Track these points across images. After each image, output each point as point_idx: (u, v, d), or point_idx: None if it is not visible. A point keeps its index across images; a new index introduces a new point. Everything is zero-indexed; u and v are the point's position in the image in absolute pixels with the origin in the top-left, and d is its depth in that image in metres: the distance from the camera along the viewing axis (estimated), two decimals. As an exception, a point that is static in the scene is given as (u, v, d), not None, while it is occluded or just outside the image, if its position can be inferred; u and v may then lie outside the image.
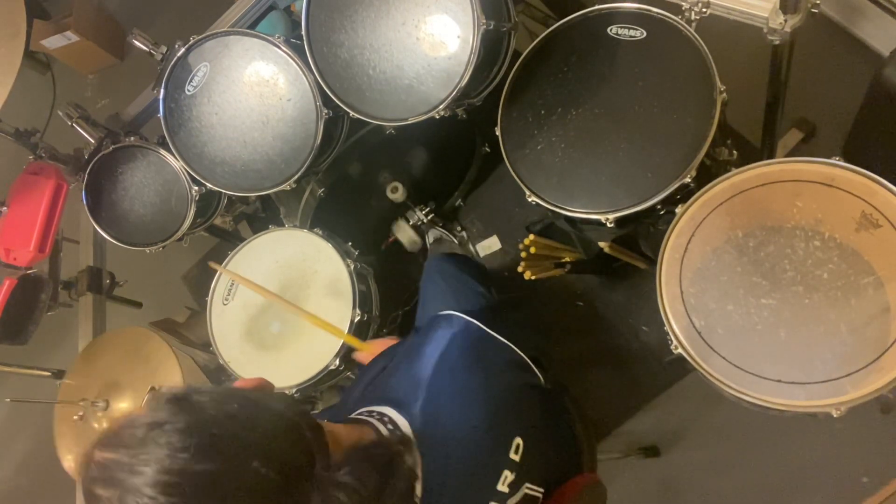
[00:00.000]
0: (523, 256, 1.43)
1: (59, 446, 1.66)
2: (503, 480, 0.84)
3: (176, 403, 0.61)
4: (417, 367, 0.86)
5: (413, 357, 0.89)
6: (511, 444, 0.87)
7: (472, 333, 0.91)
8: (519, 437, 0.88)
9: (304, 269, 1.56)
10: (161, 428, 0.58)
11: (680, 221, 1.13)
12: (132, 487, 0.56)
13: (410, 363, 0.88)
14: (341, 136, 1.60)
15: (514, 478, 0.86)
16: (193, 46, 1.47)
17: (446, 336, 0.89)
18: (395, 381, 0.89)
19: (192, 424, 0.59)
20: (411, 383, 0.84)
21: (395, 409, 0.80)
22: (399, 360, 0.94)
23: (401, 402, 0.82)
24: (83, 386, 1.68)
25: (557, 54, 1.33)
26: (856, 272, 1.00)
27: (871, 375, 0.94)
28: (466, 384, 0.86)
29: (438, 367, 0.85)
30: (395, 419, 0.79)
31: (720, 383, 1.02)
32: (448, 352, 0.87)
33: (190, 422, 0.59)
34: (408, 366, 0.88)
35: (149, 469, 0.56)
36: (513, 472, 0.86)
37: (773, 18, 1.14)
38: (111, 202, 1.71)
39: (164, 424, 0.58)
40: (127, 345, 1.70)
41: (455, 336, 0.90)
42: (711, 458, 1.77)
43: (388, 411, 0.81)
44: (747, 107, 1.39)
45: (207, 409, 0.61)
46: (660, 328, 1.10)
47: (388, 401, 0.83)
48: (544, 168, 1.28)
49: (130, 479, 0.56)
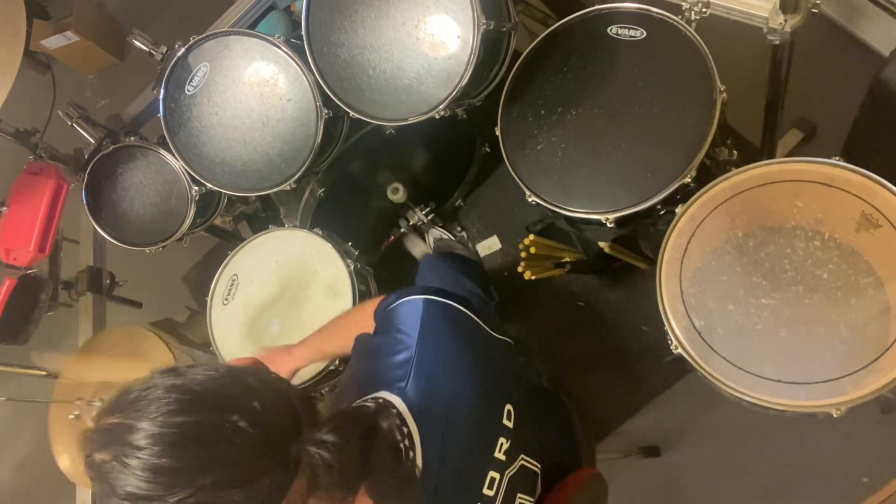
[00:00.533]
0: (523, 256, 1.43)
1: (55, 446, 1.65)
2: (499, 448, 0.86)
3: (166, 372, 0.67)
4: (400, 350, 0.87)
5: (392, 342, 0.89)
6: (503, 410, 0.89)
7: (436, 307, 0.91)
8: (509, 404, 0.90)
9: (304, 269, 1.56)
10: (150, 389, 0.64)
11: (680, 221, 1.13)
12: (129, 442, 0.61)
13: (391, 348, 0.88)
14: (341, 136, 1.60)
15: (508, 445, 0.87)
16: (193, 46, 1.47)
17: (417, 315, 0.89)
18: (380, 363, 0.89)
19: (177, 384, 0.65)
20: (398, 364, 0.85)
21: (387, 391, 0.82)
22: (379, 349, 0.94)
23: (390, 383, 0.83)
24: (79, 385, 1.67)
25: (557, 54, 1.33)
26: (856, 272, 1.00)
27: (871, 375, 0.94)
28: (452, 355, 0.87)
29: (422, 341, 0.86)
30: (390, 400, 0.80)
31: (720, 383, 1.02)
32: (426, 324, 0.88)
33: (176, 382, 0.65)
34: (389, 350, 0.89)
35: (143, 424, 0.61)
36: (507, 440, 0.87)
37: (773, 18, 1.14)
38: (111, 202, 1.71)
39: (153, 387, 0.65)
40: (123, 344, 1.70)
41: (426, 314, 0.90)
42: (711, 458, 1.77)
43: (380, 394, 0.82)
44: (747, 107, 1.39)
45: (193, 374, 0.67)
46: (660, 328, 1.10)
47: (378, 387, 0.84)
48: (544, 168, 1.28)
49: (127, 436, 0.61)
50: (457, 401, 0.84)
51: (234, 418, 0.63)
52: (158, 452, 0.60)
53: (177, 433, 0.61)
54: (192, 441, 0.61)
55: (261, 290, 1.58)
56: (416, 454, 0.77)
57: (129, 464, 0.60)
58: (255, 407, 0.65)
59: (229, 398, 0.65)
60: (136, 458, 0.60)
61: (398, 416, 0.78)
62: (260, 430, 0.63)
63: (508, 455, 0.87)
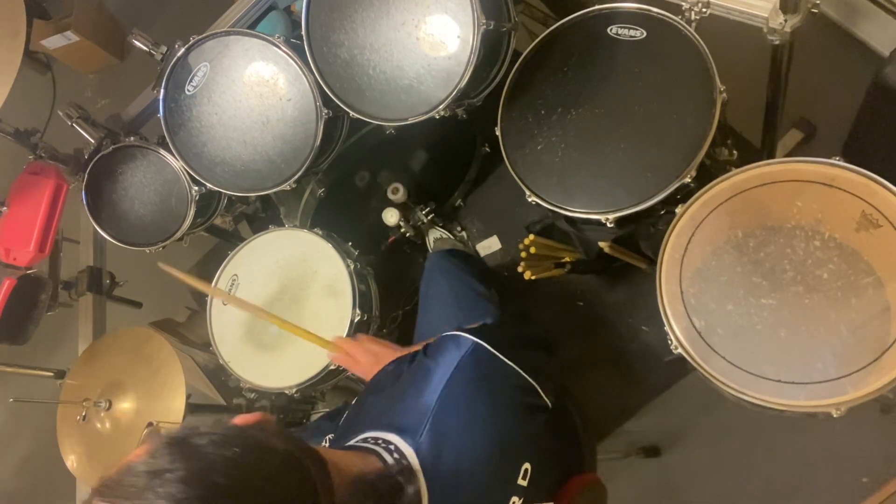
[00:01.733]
0: (523, 256, 1.43)
1: (63, 446, 1.66)
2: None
3: (175, 448, 0.59)
4: (425, 394, 0.84)
5: (420, 381, 0.87)
6: (519, 471, 0.85)
7: (480, 356, 0.89)
8: (527, 463, 0.86)
9: (304, 269, 1.56)
10: (160, 477, 0.56)
11: (680, 221, 1.13)
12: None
13: (418, 388, 0.86)
14: (341, 136, 1.60)
15: (521, 502, 0.84)
16: (193, 46, 1.47)
17: (454, 360, 0.87)
18: (401, 406, 0.87)
19: (192, 473, 0.57)
20: (418, 410, 0.82)
21: (401, 437, 0.79)
22: (406, 384, 0.92)
23: (407, 429, 0.80)
24: (85, 386, 1.68)
25: (557, 54, 1.33)
26: (856, 272, 1.00)
27: (871, 375, 0.94)
28: (474, 413, 0.84)
29: (446, 394, 0.83)
30: (400, 447, 0.78)
31: (720, 383, 1.02)
32: (455, 377, 0.85)
33: (190, 470, 0.57)
34: (415, 391, 0.86)
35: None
36: (521, 498, 0.84)
37: (773, 18, 1.13)
38: (111, 202, 1.70)
39: (163, 473, 0.57)
40: (129, 345, 1.70)
41: (463, 360, 0.87)
42: (711, 458, 1.78)
43: (393, 439, 0.79)
44: (747, 107, 1.39)
45: (207, 455, 0.59)
46: (660, 328, 1.09)
47: (395, 428, 0.81)
48: (544, 168, 1.28)
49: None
50: (471, 461, 0.80)
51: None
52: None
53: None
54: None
55: (261, 290, 1.58)
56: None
57: None
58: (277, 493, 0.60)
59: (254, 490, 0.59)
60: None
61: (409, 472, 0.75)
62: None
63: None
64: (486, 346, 0.89)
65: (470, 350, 0.88)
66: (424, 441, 0.78)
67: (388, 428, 0.81)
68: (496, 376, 0.89)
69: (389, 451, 0.78)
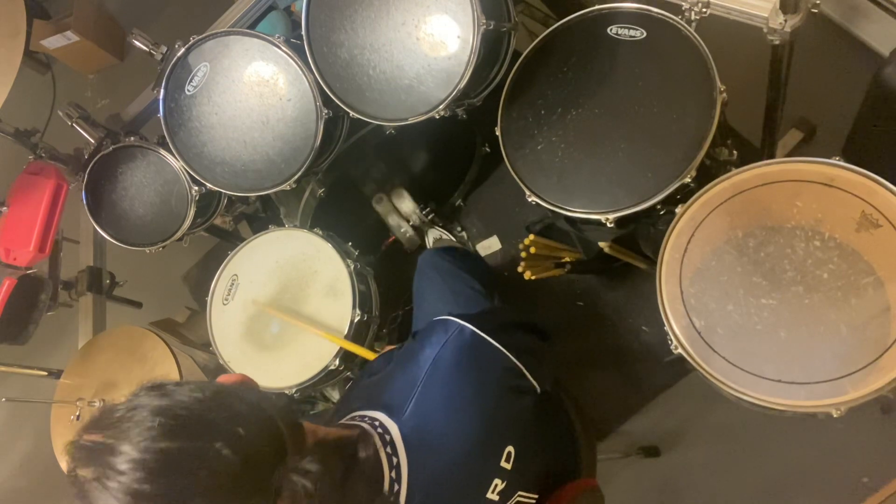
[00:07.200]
0: (523, 256, 1.43)
1: (57, 446, 1.66)
2: (493, 489, 0.85)
3: (153, 391, 0.66)
4: (411, 373, 0.86)
5: (407, 362, 0.89)
6: (502, 453, 0.87)
7: (466, 338, 0.90)
8: (511, 446, 0.87)
9: (304, 269, 1.56)
10: (135, 410, 0.63)
11: (680, 221, 1.13)
12: (111, 465, 0.60)
13: (405, 368, 0.89)
14: (341, 136, 1.60)
15: (504, 486, 0.86)
16: (193, 46, 1.47)
17: (441, 341, 0.89)
18: (388, 386, 0.89)
19: (162, 407, 0.63)
20: (404, 389, 0.84)
21: (386, 414, 0.81)
22: (395, 365, 0.95)
23: (391, 406, 0.82)
24: (80, 386, 1.68)
25: (557, 54, 1.33)
26: (856, 272, 1.00)
27: (871, 375, 0.94)
28: (458, 391, 0.86)
29: (431, 373, 0.85)
30: (384, 423, 0.80)
31: (720, 383, 1.02)
32: (441, 357, 0.87)
33: (161, 404, 0.64)
34: (402, 371, 0.89)
35: (125, 447, 0.60)
36: (503, 481, 0.86)
37: (773, 18, 1.14)
38: (111, 202, 1.71)
39: (138, 408, 0.63)
40: (123, 344, 1.70)
41: (450, 341, 0.89)
42: (711, 458, 1.77)
43: (378, 416, 0.81)
44: (747, 107, 1.39)
45: (179, 395, 0.65)
46: (660, 328, 1.09)
47: (381, 406, 0.83)
48: (544, 168, 1.28)
49: (109, 458, 0.60)
50: (453, 440, 0.82)
51: (218, 445, 0.62)
52: (139, 478, 0.59)
53: (158, 459, 0.60)
54: (173, 468, 0.60)
55: (261, 291, 1.58)
56: (402, 488, 0.76)
57: (109, 486, 0.59)
58: (239, 433, 0.64)
59: (214, 424, 0.64)
60: (116, 481, 0.59)
61: (391, 444, 0.77)
62: (242, 458, 0.62)
63: (503, 495, 0.86)
64: (473, 328, 0.91)
65: (456, 332, 0.90)
66: (408, 417, 0.81)
67: (374, 406, 0.83)
68: (482, 357, 0.90)
69: (374, 427, 0.80)
